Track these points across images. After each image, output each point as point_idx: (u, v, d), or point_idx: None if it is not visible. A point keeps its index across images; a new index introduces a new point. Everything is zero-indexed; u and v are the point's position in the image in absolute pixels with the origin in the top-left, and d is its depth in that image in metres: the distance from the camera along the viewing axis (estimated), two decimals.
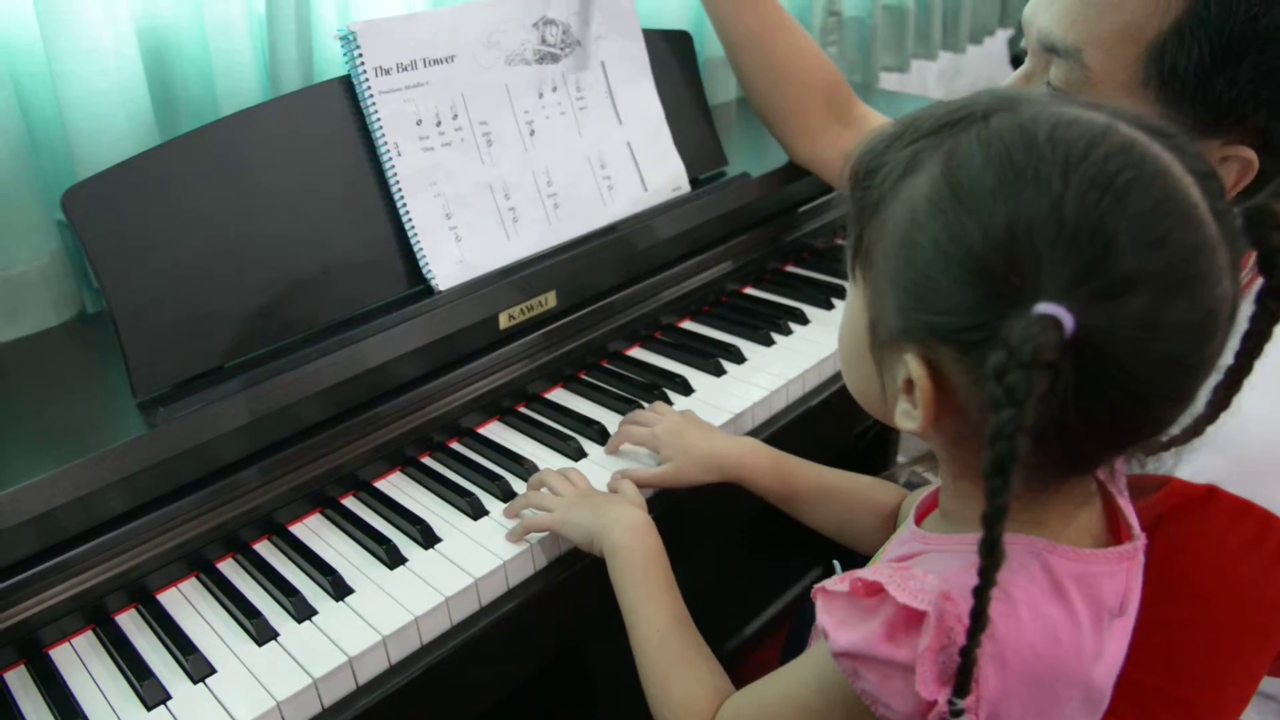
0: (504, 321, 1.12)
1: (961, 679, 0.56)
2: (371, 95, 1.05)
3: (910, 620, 0.59)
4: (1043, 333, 0.49)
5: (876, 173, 0.60)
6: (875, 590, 0.61)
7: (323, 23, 1.25)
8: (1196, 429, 0.67)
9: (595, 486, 0.99)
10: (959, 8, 2.44)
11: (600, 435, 1.09)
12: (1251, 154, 0.76)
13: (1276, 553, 0.77)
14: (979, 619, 0.54)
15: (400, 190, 1.07)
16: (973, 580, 0.55)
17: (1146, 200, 0.52)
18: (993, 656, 0.58)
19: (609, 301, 1.23)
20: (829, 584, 0.64)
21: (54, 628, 0.87)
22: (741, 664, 1.67)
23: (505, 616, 0.92)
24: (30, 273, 1.10)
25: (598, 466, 1.05)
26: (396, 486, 1.05)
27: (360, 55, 1.04)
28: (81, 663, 0.86)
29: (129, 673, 0.83)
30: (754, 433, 1.15)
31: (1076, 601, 0.62)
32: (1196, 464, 0.77)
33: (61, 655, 0.87)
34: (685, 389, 1.18)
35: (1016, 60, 0.86)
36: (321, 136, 1.04)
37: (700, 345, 1.27)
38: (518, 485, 1.02)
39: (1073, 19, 0.78)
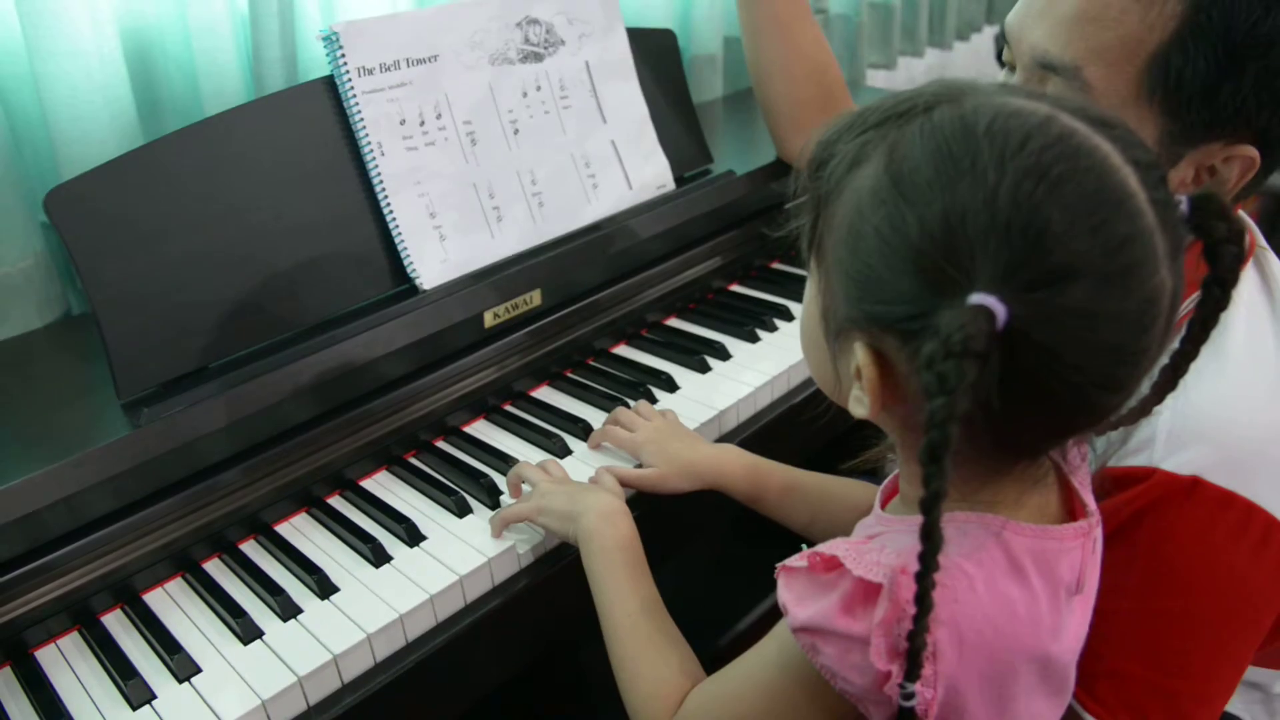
0: (489, 320, 1.12)
1: (911, 663, 0.57)
2: (355, 95, 1.05)
3: (867, 593, 0.60)
4: (973, 322, 0.50)
5: (827, 163, 0.62)
6: (833, 565, 0.62)
7: (306, 23, 1.25)
8: (1143, 410, 0.68)
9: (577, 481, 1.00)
10: (945, 5, 2.45)
11: (585, 433, 1.10)
12: (1254, 152, 0.77)
13: (1260, 543, 0.78)
14: (923, 602, 0.54)
15: (384, 190, 1.07)
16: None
17: (1081, 190, 0.52)
18: (951, 632, 0.59)
19: (594, 299, 1.23)
20: (789, 561, 0.65)
21: (40, 628, 0.87)
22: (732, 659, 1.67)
23: (490, 614, 0.92)
24: (14, 274, 1.10)
25: (583, 464, 1.06)
26: (382, 485, 1.05)
27: (343, 55, 1.04)
28: (67, 663, 0.86)
29: (114, 673, 0.84)
30: (740, 429, 1.16)
31: (1034, 578, 0.62)
32: (1182, 456, 0.78)
33: (47, 656, 0.87)
34: (671, 386, 1.18)
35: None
36: (305, 137, 1.04)
37: (686, 342, 1.27)
38: (503, 484, 1.03)
39: (1069, 36, 0.78)
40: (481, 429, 1.13)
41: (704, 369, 1.21)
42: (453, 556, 0.93)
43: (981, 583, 0.61)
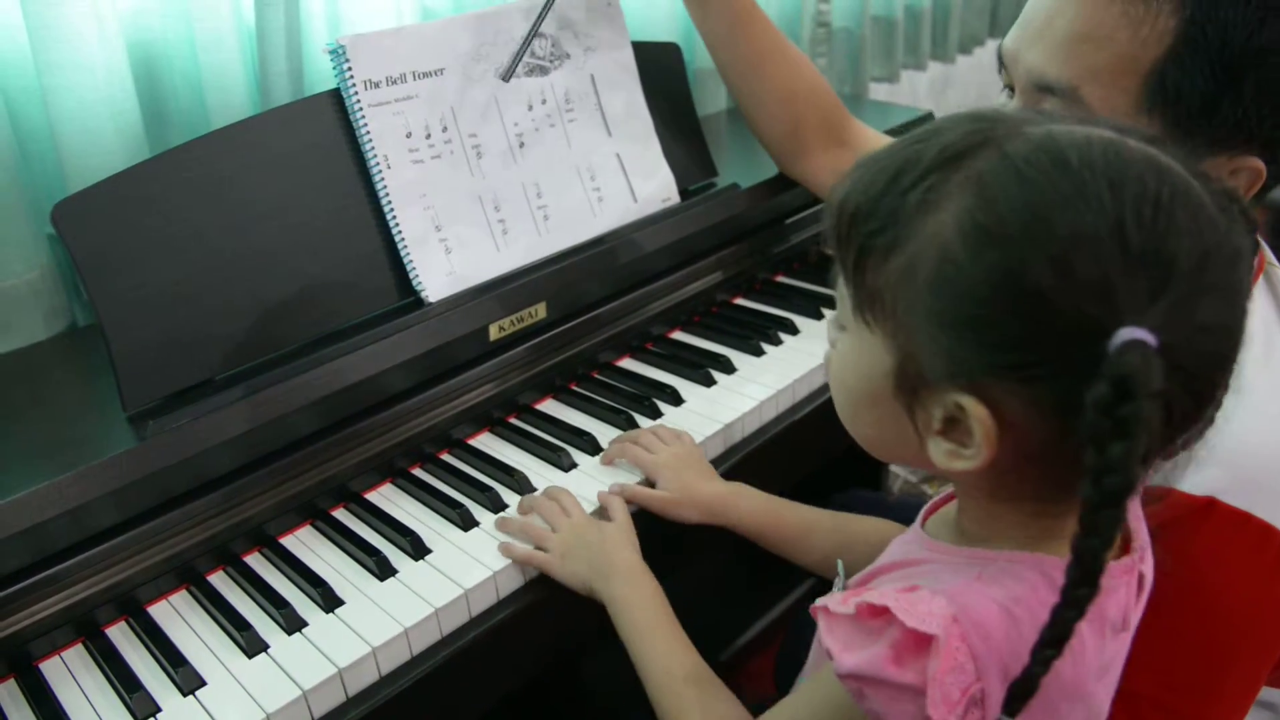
0: (494, 333, 1.12)
1: (1016, 699, 0.56)
2: (361, 108, 1.05)
3: (919, 643, 0.58)
4: (1141, 360, 0.48)
5: (877, 214, 0.58)
6: (881, 613, 0.60)
7: (312, 36, 1.25)
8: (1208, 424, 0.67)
9: (585, 497, 1.00)
10: (948, 18, 2.45)
11: (591, 446, 1.10)
12: (1260, 164, 0.77)
13: (1274, 565, 0.77)
14: (1054, 642, 0.53)
15: (390, 203, 1.07)
16: (981, 596, 0.57)
17: (1187, 210, 0.52)
18: (999, 675, 0.58)
19: (599, 312, 1.23)
20: (831, 604, 0.63)
21: (44, 641, 0.87)
22: (736, 673, 1.67)
23: (495, 628, 0.92)
24: (20, 286, 1.10)
25: (588, 477, 1.06)
26: (387, 498, 1.05)
27: (349, 69, 1.05)
28: (71, 676, 0.86)
29: (119, 685, 0.83)
30: (744, 443, 1.16)
31: (1083, 623, 0.62)
32: (1197, 477, 0.77)
33: (51, 668, 0.86)
34: (676, 399, 1.18)
35: None
36: (311, 149, 1.05)
37: (690, 356, 1.27)
38: (508, 496, 1.03)
39: (1065, 57, 0.78)
40: (486, 442, 1.13)
41: (709, 382, 1.21)
42: (457, 570, 0.93)
43: (1028, 625, 0.59)
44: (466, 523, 0.99)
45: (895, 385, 0.60)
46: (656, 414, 1.16)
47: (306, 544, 0.99)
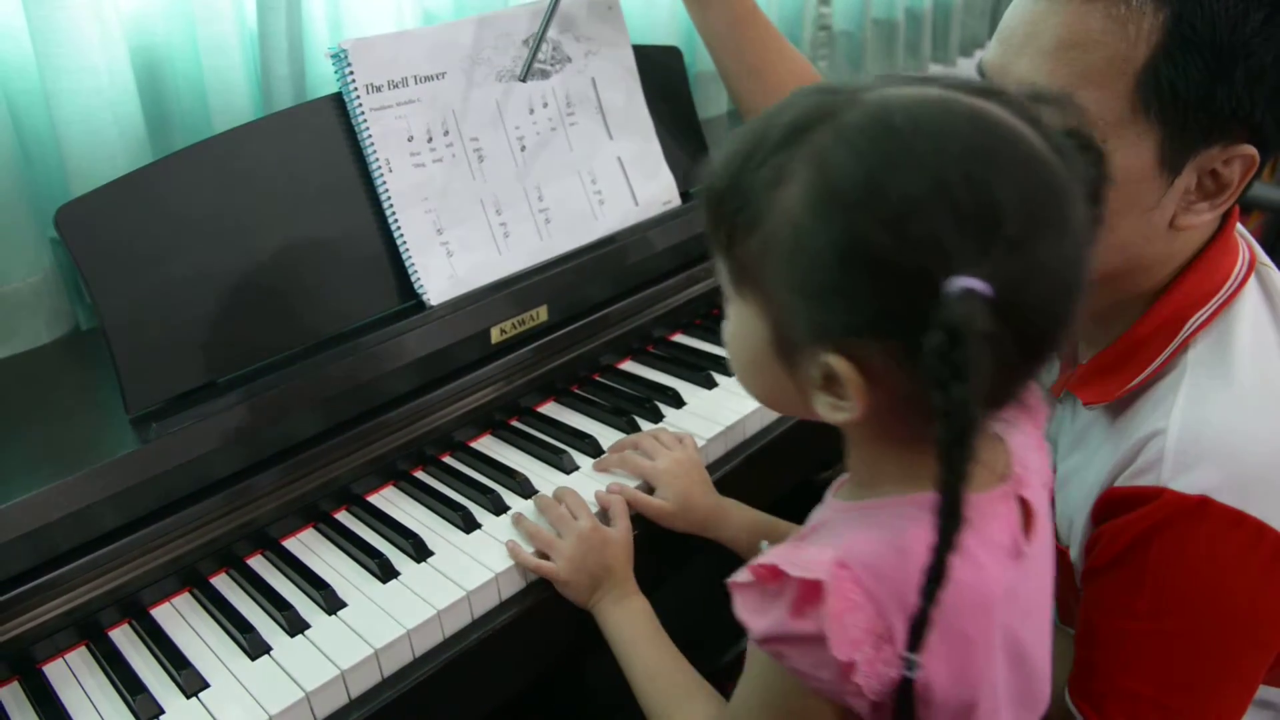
0: (496, 336, 1.12)
1: (915, 635, 0.58)
2: (363, 112, 1.06)
3: (812, 593, 0.61)
4: (968, 307, 0.52)
5: (736, 193, 0.62)
6: (775, 574, 0.63)
7: (315, 41, 1.26)
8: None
9: (586, 500, 1.00)
10: (949, 21, 2.46)
11: (592, 448, 1.10)
12: (1253, 150, 0.77)
13: (1269, 563, 0.77)
14: (935, 577, 0.56)
15: (392, 206, 1.08)
16: (869, 539, 0.63)
17: (1012, 158, 0.56)
18: (899, 610, 0.61)
19: (601, 315, 1.23)
20: (738, 577, 0.66)
21: (47, 643, 0.87)
22: (737, 676, 1.67)
23: (497, 629, 0.92)
24: (24, 289, 1.11)
25: (590, 480, 1.06)
26: (389, 500, 1.05)
27: (351, 72, 1.05)
28: (75, 678, 0.86)
29: (122, 688, 0.84)
30: (745, 444, 1.16)
31: (971, 544, 0.63)
32: (1190, 476, 0.78)
33: (55, 671, 0.87)
34: (677, 402, 1.18)
35: None
36: (314, 153, 1.05)
37: (692, 358, 1.28)
38: (510, 499, 1.03)
39: (1054, 66, 0.78)
40: (488, 444, 1.13)
41: (710, 384, 1.22)
42: (460, 572, 0.93)
43: (921, 559, 0.62)
44: (468, 525, 0.99)
45: (775, 350, 0.64)
46: (658, 416, 1.16)
47: (309, 546, 0.99)
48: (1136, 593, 0.81)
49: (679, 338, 1.34)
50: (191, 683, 0.84)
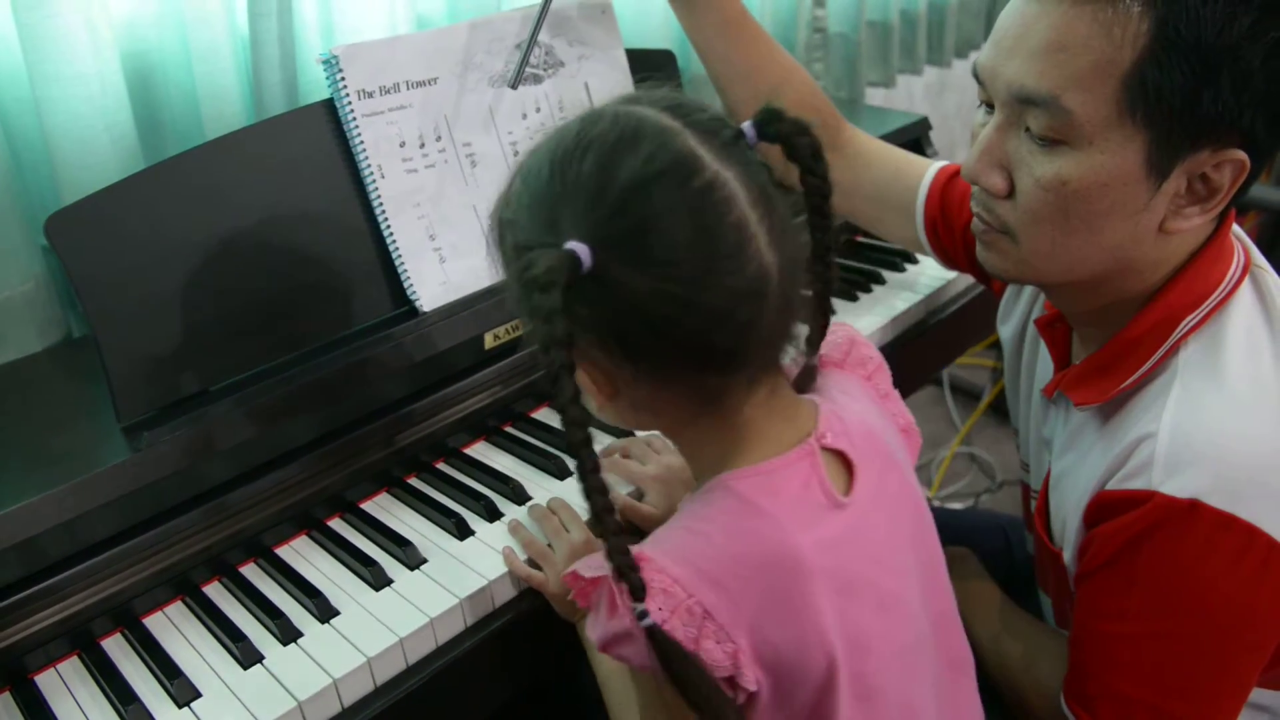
0: (489, 341, 1.12)
1: (631, 586, 0.65)
2: (354, 118, 1.05)
3: (602, 588, 0.69)
4: (555, 260, 0.61)
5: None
6: (587, 582, 0.71)
7: (306, 47, 1.25)
8: (812, 342, 0.79)
9: (580, 505, 0.99)
10: (944, 22, 2.45)
11: None
12: (1243, 155, 0.77)
13: (1261, 565, 0.77)
14: (608, 539, 0.65)
15: (384, 212, 1.08)
16: (669, 529, 0.71)
17: (648, 154, 0.64)
18: (709, 586, 0.67)
19: None
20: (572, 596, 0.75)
21: (39, 653, 0.87)
22: None
23: (490, 636, 0.92)
24: (15, 298, 1.11)
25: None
26: (383, 508, 1.05)
27: (343, 78, 1.05)
28: (67, 688, 0.86)
29: (114, 698, 0.83)
30: None
31: (769, 506, 0.70)
32: (1181, 479, 0.78)
33: (47, 681, 0.86)
34: None
35: None
36: (305, 159, 1.05)
37: None
38: (503, 505, 1.03)
39: (1042, 68, 0.78)
40: (482, 451, 1.13)
41: None
42: (453, 579, 0.93)
43: (719, 533, 0.70)
44: (462, 532, 0.99)
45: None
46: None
47: (302, 554, 0.99)
48: (1128, 596, 0.81)
49: None
50: (184, 692, 0.83)
